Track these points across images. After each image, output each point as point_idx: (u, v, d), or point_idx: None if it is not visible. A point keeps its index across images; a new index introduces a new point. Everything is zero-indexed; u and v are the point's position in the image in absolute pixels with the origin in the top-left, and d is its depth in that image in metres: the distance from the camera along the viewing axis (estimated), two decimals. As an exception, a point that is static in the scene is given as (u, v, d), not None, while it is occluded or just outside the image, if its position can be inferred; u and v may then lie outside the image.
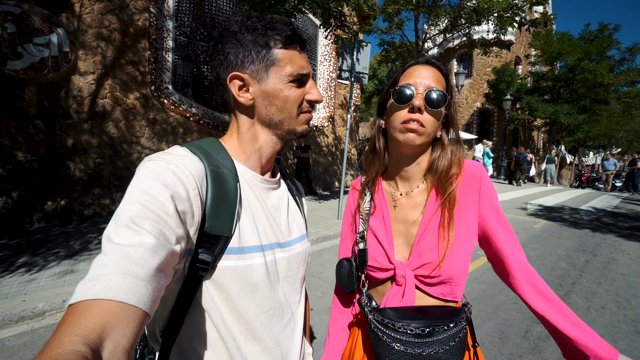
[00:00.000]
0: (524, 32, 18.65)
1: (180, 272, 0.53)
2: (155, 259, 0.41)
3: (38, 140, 4.73)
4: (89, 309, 0.35)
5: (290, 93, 0.60)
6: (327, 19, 4.94)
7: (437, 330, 0.69)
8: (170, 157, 0.51)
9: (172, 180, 0.48)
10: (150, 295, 0.39)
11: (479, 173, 0.77)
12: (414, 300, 0.76)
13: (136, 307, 0.37)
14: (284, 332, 0.64)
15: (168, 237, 0.44)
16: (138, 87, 5.67)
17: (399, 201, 0.82)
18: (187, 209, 0.49)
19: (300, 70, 0.60)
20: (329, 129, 9.34)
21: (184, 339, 0.56)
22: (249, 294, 0.57)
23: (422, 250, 0.75)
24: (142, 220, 0.43)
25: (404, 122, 0.73)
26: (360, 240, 0.83)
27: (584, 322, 0.71)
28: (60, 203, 4.91)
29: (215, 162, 0.57)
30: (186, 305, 0.54)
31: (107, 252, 0.40)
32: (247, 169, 0.63)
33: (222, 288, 0.55)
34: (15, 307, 2.45)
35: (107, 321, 0.34)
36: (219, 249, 0.54)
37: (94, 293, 0.36)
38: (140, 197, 0.44)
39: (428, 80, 0.74)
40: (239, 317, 0.56)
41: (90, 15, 5.10)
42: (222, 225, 0.54)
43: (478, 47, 9.03)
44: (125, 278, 0.38)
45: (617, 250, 4.49)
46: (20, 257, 3.39)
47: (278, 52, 0.59)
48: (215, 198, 0.54)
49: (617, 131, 21.46)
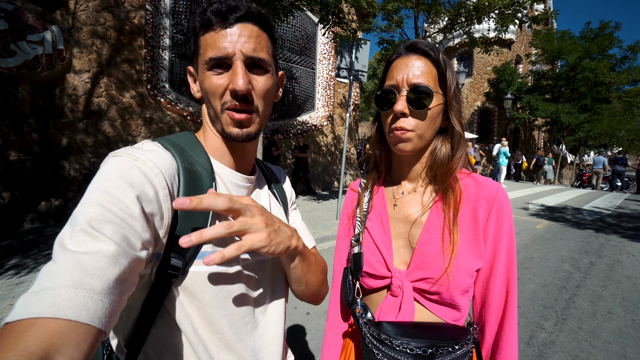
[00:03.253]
0: (525, 30, 18.56)
1: (147, 278, 0.48)
2: (114, 269, 0.36)
3: (32, 139, 4.65)
4: (30, 329, 0.30)
5: (207, 84, 0.52)
6: (325, 15, 4.85)
7: (441, 352, 0.60)
8: (138, 153, 0.46)
9: (138, 179, 0.43)
10: (108, 310, 0.35)
11: (494, 193, 0.66)
12: (413, 315, 0.67)
13: (89, 325, 0.33)
14: (261, 339, 0.60)
15: (132, 242, 0.40)
16: (134, 86, 5.59)
17: (400, 199, 0.74)
18: (155, 211, 0.44)
19: (214, 54, 0.50)
20: (328, 129, 9.26)
21: (149, 350, 0.51)
22: (223, 301, 0.53)
23: (425, 261, 0.66)
24: (102, 224, 0.38)
25: (390, 130, 0.67)
26: (355, 244, 0.75)
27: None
28: (54, 203, 4.83)
29: (189, 159, 0.53)
30: (153, 314, 0.50)
31: (58, 261, 0.35)
32: (223, 167, 0.58)
33: (193, 295, 0.50)
34: (2, 311, 2.38)
35: (52, 343, 0.30)
36: (190, 254, 0.49)
37: (37, 310, 0.31)
38: (101, 198, 0.40)
39: (411, 74, 0.65)
40: (211, 326, 0.52)
41: (85, 12, 5.02)
42: (195, 227, 0.50)
43: (479, 46, 8.93)
44: (77, 292, 0.33)
45: (622, 252, 4.41)
46: (11, 259, 3.31)
47: (201, 39, 0.53)
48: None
49: (619, 130, 21.36)
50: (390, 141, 0.70)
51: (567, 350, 2.16)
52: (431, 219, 0.69)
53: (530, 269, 3.66)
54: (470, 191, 0.68)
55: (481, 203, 0.67)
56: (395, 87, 0.66)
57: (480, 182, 0.69)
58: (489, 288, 0.67)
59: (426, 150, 0.72)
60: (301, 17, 8.12)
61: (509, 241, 0.66)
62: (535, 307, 2.75)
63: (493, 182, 0.70)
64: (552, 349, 2.17)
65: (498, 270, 0.66)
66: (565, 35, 15.19)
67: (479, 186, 0.69)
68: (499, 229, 0.66)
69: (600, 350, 2.17)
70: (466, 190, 0.69)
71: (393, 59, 0.70)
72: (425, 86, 0.64)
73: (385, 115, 0.69)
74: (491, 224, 0.66)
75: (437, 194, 0.70)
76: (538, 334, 2.36)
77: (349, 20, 5.38)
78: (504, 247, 0.66)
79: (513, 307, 0.66)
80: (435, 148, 0.71)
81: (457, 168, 0.70)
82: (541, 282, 3.30)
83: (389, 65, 0.70)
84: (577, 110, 14.71)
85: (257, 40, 0.52)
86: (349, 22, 5.28)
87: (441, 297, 0.65)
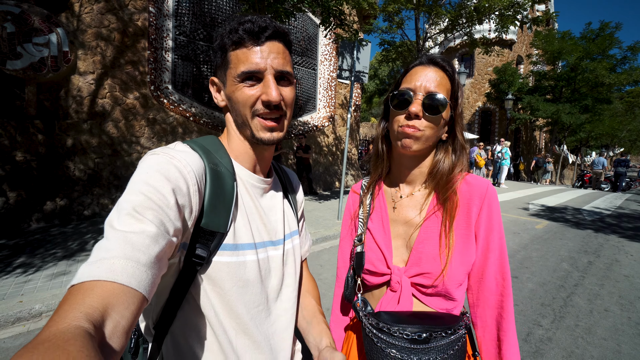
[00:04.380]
0: (526, 31, 18.57)
1: (176, 266, 0.54)
2: (155, 247, 0.42)
3: (37, 140, 4.72)
4: (92, 289, 0.36)
5: (239, 94, 0.59)
6: (326, 17, 4.91)
7: (435, 337, 0.66)
8: (174, 152, 0.53)
9: (174, 175, 0.49)
10: (150, 280, 0.41)
11: (484, 190, 0.73)
12: (411, 308, 0.73)
13: (137, 290, 0.39)
14: (273, 327, 0.65)
15: (167, 227, 0.46)
16: (138, 87, 5.66)
17: (399, 202, 0.80)
18: (186, 203, 0.50)
19: (247, 68, 0.57)
20: (330, 129, 9.31)
21: (176, 331, 0.57)
22: (241, 289, 0.58)
23: (421, 258, 0.73)
24: (145, 209, 0.44)
25: (400, 126, 0.71)
26: (358, 243, 0.81)
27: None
28: (59, 203, 4.90)
29: (214, 161, 0.59)
30: (180, 299, 0.56)
31: (110, 238, 0.41)
32: (243, 169, 0.65)
33: (215, 283, 0.56)
34: (12, 308, 2.44)
35: (109, 302, 0.36)
36: (214, 245, 0.56)
37: (97, 274, 0.37)
38: (143, 188, 0.46)
39: (430, 83, 0.71)
40: (230, 312, 0.58)
41: (89, 14, 5.09)
42: (218, 221, 0.56)
43: (479, 47, 8.98)
44: (127, 262, 0.39)
45: (621, 252, 4.44)
46: (18, 258, 3.37)
47: (231, 54, 0.59)
48: (213, 195, 0.56)
49: (620, 131, 21.32)
50: (397, 137, 0.73)
51: (563, 347, 2.21)
52: (427, 220, 0.75)
53: (529, 268, 3.70)
54: (464, 193, 0.75)
55: (474, 201, 0.73)
56: (412, 90, 0.71)
57: (471, 183, 0.75)
58: (484, 276, 0.73)
59: (426, 158, 0.77)
60: (303, 18, 8.18)
61: (499, 231, 0.73)
62: (533, 306, 2.79)
63: (482, 180, 0.76)
64: (549, 345, 2.22)
65: (492, 258, 0.72)
66: (566, 35, 15.19)
67: (470, 186, 0.75)
68: (490, 222, 0.72)
69: (595, 346, 2.22)
70: (460, 194, 0.75)
71: (413, 66, 0.75)
72: (441, 95, 0.70)
73: (397, 114, 0.73)
74: (483, 219, 0.72)
75: (433, 197, 0.76)
76: (535, 331, 2.41)
77: (350, 22, 5.44)
78: (496, 238, 0.72)
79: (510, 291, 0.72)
80: (439, 160, 0.76)
81: (457, 180, 0.76)
82: (540, 281, 3.35)
83: (408, 71, 0.75)
84: (578, 111, 14.71)
85: (283, 56, 0.59)
86: (350, 24, 5.34)
87: (437, 290, 0.71)
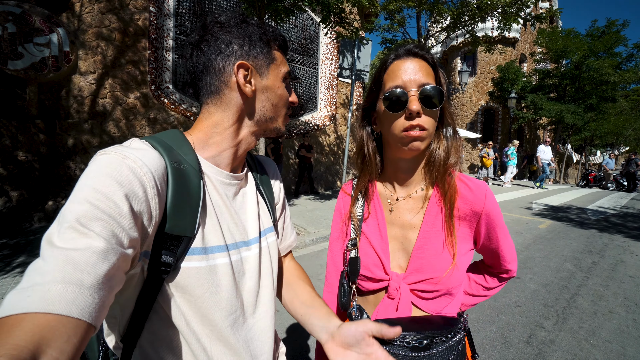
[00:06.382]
0: (529, 29, 18.39)
1: (139, 276, 0.49)
2: (104, 265, 0.37)
3: (39, 140, 4.74)
4: (20, 324, 0.31)
5: (284, 92, 0.64)
6: (327, 15, 4.88)
7: (436, 342, 0.64)
8: (127, 151, 0.46)
9: (127, 177, 0.43)
10: (97, 305, 0.36)
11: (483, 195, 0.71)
12: (410, 314, 0.71)
13: (79, 319, 0.33)
14: (252, 331, 0.62)
15: (121, 239, 0.40)
16: (138, 87, 5.66)
17: (395, 205, 0.76)
18: (143, 209, 0.45)
19: (289, 72, 0.65)
20: (331, 128, 9.28)
21: (145, 344, 0.53)
22: (214, 295, 0.54)
23: (422, 264, 0.70)
24: (91, 221, 0.38)
25: (405, 130, 0.66)
26: (352, 248, 0.77)
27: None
28: (61, 203, 4.92)
29: (177, 158, 0.53)
30: (147, 310, 0.51)
31: (47, 258, 0.36)
32: (211, 165, 0.59)
33: (184, 290, 0.52)
34: (11, 307, 2.44)
35: (43, 336, 0.30)
36: (180, 250, 0.51)
37: (26, 305, 0.32)
38: (89, 195, 0.40)
39: (417, 75, 0.66)
40: (203, 319, 0.54)
41: (90, 14, 5.10)
42: (184, 225, 0.51)
43: (482, 45, 8.89)
44: (67, 287, 0.34)
45: (626, 252, 4.37)
46: (18, 257, 3.38)
47: (276, 52, 0.63)
48: (176, 197, 0.50)
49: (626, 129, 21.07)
50: (400, 141, 0.68)
51: (566, 349, 2.17)
52: (426, 224, 0.72)
53: (532, 268, 3.65)
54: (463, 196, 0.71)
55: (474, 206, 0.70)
56: (402, 87, 0.66)
57: (469, 186, 0.72)
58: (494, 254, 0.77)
59: (424, 154, 0.73)
60: (303, 17, 8.14)
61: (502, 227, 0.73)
62: (535, 307, 2.75)
63: (479, 182, 0.73)
64: (552, 348, 2.18)
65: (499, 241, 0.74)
66: (571, 33, 15.02)
67: (469, 190, 0.71)
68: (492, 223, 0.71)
69: (600, 349, 2.17)
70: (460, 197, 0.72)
71: (392, 61, 0.69)
72: (435, 86, 0.65)
73: (394, 116, 0.67)
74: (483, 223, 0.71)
75: (431, 199, 0.73)
76: (538, 333, 2.36)
77: (351, 20, 5.40)
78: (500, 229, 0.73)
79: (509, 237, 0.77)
80: (433, 149, 0.72)
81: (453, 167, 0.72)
82: (542, 281, 3.30)
83: (387, 66, 0.70)
84: (582, 110, 14.54)
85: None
86: (351, 22, 5.30)
87: (439, 293, 0.69)
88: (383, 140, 0.76)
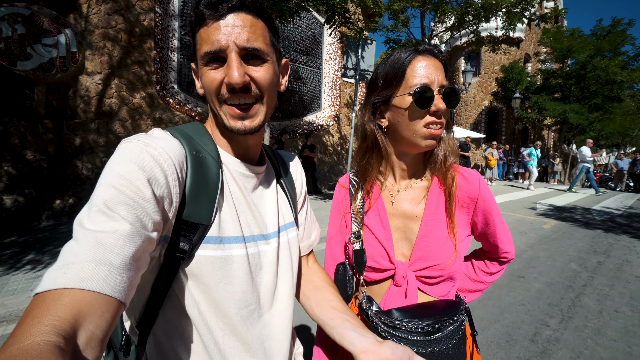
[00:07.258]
0: (534, 28, 18.27)
1: (156, 261, 0.51)
2: (130, 247, 0.39)
3: (47, 139, 4.81)
4: (59, 299, 0.33)
5: (205, 79, 0.53)
6: (331, 16, 4.90)
7: (445, 325, 0.69)
8: (149, 139, 0.48)
9: (149, 164, 0.45)
10: (126, 284, 0.38)
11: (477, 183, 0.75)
12: (417, 300, 0.74)
13: (110, 296, 0.36)
14: (267, 328, 0.60)
15: (145, 223, 0.42)
16: (144, 87, 5.72)
17: (397, 196, 0.78)
18: (164, 194, 0.46)
19: (208, 48, 0.50)
20: (334, 128, 9.30)
21: (159, 332, 0.54)
22: (228, 286, 0.54)
23: (427, 251, 0.73)
24: (117, 205, 0.40)
25: (426, 126, 0.69)
26: (355, 240, 0.78)
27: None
28: (68, 201, 4.99)
29: (197, 147, 0.55)
30: (162, 296, 0.52)
31: (79, 239, 0.38)
32: (231, 157, 0.60)
33: (199, 279, 0.52)
34: (23, 302, 2.49)
35: (80, 311, 0.33)
36: (196, 238, 0.51)
37: (64, 282, 0.34)
38: (114, 181, 0.42)
39: (440, 75, 0.69)
40: (216, 310, 0.53)
41: (97, 15, 5.17)
42: (200, 213, 0.51)
43: (486, 45, 8.86)
44: (98, 267, 0.36)
45: (632, 252, 4.34)
46: (28, 254, 3.44)
47: (197, 35, 0.53)
48: (194, 184, 0.51)
49: (632, 129, 20.83)
50: (421, 136, 0.69)
51: (571, 347, 2.16)
52: (428, 212, 0.74)
53: (537, 268, 3.64)
54: (462, 186, 0.75)
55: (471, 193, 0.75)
56: (429, 85, 0.67)
57: (465, 176, 0.76)
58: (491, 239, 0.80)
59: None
60: (307, 17, 8.17)
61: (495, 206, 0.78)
62: (540, 305, 2.75)
63: (473, 172, 0.77)
64: (557, 346, 2.18)
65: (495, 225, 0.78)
66: (576, 33, 14.90)
67: (465, 180, 0.75)
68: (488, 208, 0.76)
69: (605, 348, 2.17)
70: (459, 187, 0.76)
71: (413, 57, 0.69)
72: (453, 87, 0.68)
73: (420, 112, 0.68)
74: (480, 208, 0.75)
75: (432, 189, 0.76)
76: (542, 331, 2.36)
77: (355, 20, 5.42)
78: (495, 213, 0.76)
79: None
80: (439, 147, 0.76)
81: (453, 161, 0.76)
82: (547, 280, 3.29)
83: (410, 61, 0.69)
84: (587, 110, 14.41)
85: (251, 30, 0.51)
86: (355, 22, 5.32)
87: (442, 278, 0.73)
88: (388, 134, 0.78)
